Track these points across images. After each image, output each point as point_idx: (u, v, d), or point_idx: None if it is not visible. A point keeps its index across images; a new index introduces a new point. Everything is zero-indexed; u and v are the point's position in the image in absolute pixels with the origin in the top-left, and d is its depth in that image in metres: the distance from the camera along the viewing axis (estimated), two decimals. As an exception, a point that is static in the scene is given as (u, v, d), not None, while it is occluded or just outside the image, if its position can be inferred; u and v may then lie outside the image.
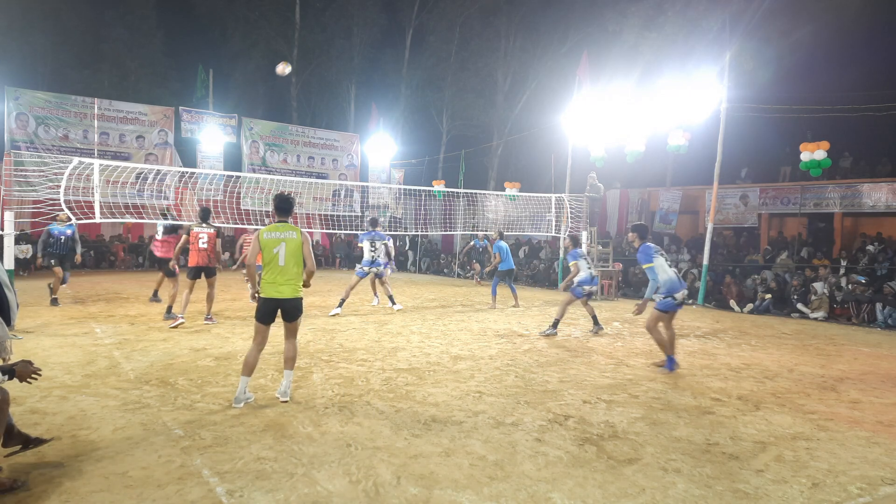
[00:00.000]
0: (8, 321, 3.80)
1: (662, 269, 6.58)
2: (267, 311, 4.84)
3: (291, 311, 4.86)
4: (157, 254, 10.30)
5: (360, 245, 11.21)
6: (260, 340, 4.88)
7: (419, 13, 29.16)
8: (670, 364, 6.56)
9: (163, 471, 3.55)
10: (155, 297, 11.14)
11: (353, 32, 28.97)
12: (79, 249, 10.67)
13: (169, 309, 9.28)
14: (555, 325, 8.79)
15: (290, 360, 4.97)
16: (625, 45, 20.22)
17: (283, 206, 4.99)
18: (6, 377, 3.23)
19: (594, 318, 9.21)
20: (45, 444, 3.73)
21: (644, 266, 6.71)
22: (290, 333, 4.98)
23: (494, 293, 12.17)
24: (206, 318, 8.94)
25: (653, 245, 6.78)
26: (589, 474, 3.67)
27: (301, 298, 4.92)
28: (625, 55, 20.17)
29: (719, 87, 13.36)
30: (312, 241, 24.41)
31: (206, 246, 8.76)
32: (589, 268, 8.87)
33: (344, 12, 28.52)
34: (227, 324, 8.91)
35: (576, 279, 8.78)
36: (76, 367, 5.98)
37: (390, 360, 6.67)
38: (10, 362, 3.42)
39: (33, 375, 3.35)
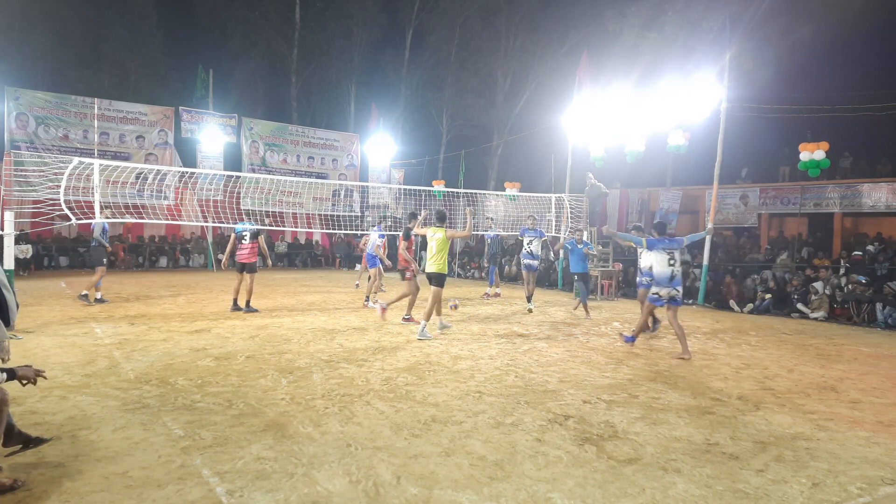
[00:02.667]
0: (7, 322, 3.81)
1: (657, 262, 7.54)
2: (426, 277, 8.19)
3: (433, 279, 8.11)
4: (241, 259, 10.05)
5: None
6: (417, 289, 9.01)
7: (419, 13, 29.15)
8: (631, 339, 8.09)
9: (163, 471, 3.55)
10: (248, 308, 10.20)
11: (353, 32, 28.96)
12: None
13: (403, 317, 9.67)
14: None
15: (426, 313, 7.97)
16: (625, 45, 20.20)
17: (438, 216, 8.23)
18: (4, 376, 3.24)
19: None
20: (45, 444, 3.74)
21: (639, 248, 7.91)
22: (431, 295, 8.07)
23: (585, 299, 11.23)
24: (404, 318, 9.58)
25: (665, 240, 7.62)
26: (589, 474, 3.67)
27: (443, 274, 8.09)
28: (625, 55, 20.15)
29: (719, 87, 13.34)
30: (312, 240, 24.57)
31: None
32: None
33: (344, 12, 28.51)
34: (228, 323, 8.92)
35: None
36: (76, 367, 5.98)
37: (390, 360, 6.67)
38: (10, 364, 3.43)
39: (37, 377, 3.37)
